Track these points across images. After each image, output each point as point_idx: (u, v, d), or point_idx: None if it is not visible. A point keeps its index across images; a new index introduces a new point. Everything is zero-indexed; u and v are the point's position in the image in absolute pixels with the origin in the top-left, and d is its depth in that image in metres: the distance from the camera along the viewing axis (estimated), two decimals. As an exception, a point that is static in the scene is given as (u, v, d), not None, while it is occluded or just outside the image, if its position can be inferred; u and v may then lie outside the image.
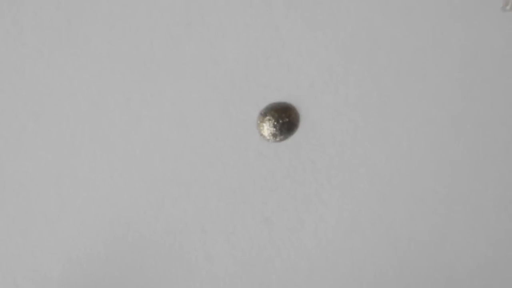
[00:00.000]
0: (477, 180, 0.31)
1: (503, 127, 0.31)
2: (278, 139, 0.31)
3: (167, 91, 0.32)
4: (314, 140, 0.31)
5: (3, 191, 0.32)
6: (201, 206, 0.31)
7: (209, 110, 0.32)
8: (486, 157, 0.31)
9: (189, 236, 0.31)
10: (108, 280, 0.31)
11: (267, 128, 0.31)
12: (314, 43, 0.32)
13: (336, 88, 0.31)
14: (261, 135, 0.31)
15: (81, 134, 0.32)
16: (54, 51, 0.32)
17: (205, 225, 0.31)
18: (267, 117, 0.31)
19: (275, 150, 0.31)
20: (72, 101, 0.32)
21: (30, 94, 0.32)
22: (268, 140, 0.31)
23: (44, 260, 0.31)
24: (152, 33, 0.32)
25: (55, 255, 0.31)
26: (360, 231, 0.31)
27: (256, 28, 0.32)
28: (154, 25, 0.32)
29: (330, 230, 0.31)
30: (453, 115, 0.31)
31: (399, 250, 0.31)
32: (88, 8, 0.32)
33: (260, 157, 0.31)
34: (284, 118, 0.31)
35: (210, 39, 0.32)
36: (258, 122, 0.31)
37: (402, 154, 0.31)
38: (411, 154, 0.31)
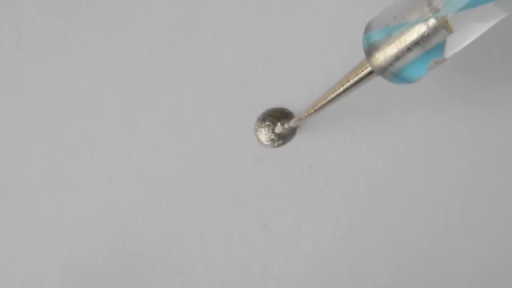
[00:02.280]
0: (475, 185, 0.31)
1: (500, 133, 0.31)
2: (275, 144, 0.31)
3: (165, 96, 0.32)
4: (311, 145, 0.31)
5: (1, 196, 0.32)
6: (198, 212, 0.31)
7: (207, 115, 0.32)
8: (483, 162, 0.31)
9: (187, 242, 0.31)
10: (105, 285, 0.31)
11: (265, 134, 0.31)
12: (311, 48, 0.32)
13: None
14: (259, 140, 0.31)
15: (79, 139, 0.32)
16: (52, 57, 0.32)
17: (202, 231, 0.31)
18: (265, 123, 0.31)
19: (273, 155, 0.31)
20: (70, 106, 0.32)
21: (28, 99, 0.32)
22: (266, 145, 0.31)
23: (42, 265, 0.31)
24: (150, 39, 0.32)
25: (53, 260, 0.31)
26: (358, 236, 0.31)
27: (254, 34, 0.32)
28: (152, 31, 0.32)
29: (328, 235, 0.31)
30: (450, 120, 0.31)
31: (396, 255, 0.31)
32: (86, 14, 0.32)
33: (258, 162, 0.31)
34: (282, 124, 0.31)
35: (208, 45, 0.32)
36: (256, 127, 0.31)
37: (400, 159, 0.31)
38: (408, 160, 0.31)
